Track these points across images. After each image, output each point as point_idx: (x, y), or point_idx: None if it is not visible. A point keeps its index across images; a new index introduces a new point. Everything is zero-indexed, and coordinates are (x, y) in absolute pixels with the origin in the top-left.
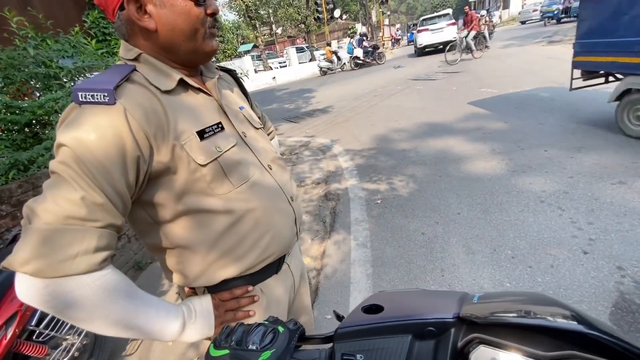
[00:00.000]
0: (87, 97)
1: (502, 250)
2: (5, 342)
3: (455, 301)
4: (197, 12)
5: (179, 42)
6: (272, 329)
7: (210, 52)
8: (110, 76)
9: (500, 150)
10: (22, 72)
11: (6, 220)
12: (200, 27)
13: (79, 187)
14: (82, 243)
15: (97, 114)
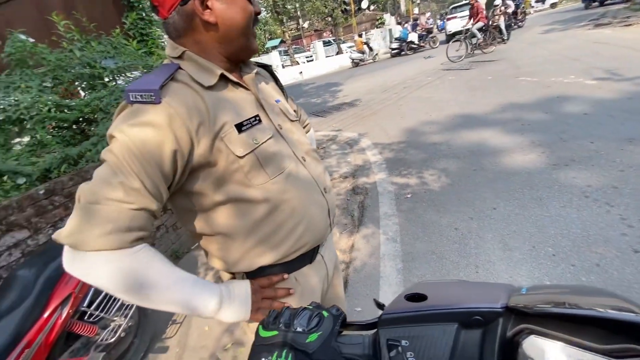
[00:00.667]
0: (137, 97)
1: (542, 248)
2: (61, 322)
3: (502, 292)
4: (251, 9)
5: (235, 36)
6: (317, 313)
7: (255, 50)
8: (157, 76)
9: (541, 142)
10: (69, 73)
11: (59, 210)
12: (252, 24)
13: (120, 172)
14: (117, 221)
15: (145, 112)
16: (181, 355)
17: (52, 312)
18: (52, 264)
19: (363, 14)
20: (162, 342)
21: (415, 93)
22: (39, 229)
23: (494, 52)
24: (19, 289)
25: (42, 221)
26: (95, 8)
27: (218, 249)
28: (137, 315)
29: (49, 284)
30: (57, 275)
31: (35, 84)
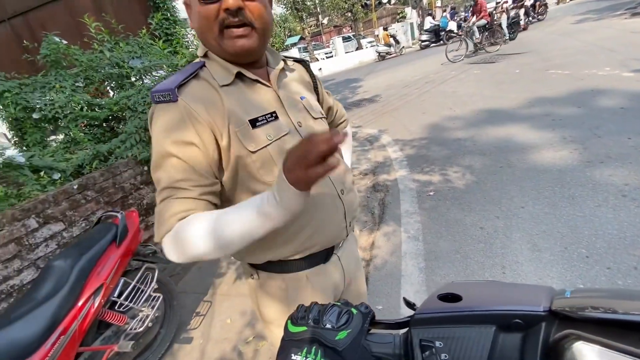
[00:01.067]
0: (159, 97)
1: (574, 249)
2: (93, 310)
3: (543, 294)
4: (206, 10)
5: (205, 40)
6: (347, 311)
7: (235, 52)
8: (178, 76)
9: (573, 138)
10: (99, 73)
11: (91, 204)
12: (211, 24)
13: (160, 169)
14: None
15: (166, 110)
16: (204, 346)
17: (86, 301)
18: (86, 256)
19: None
20: (187, 333)
21: (438, 88)
22: (73, 222)
23: (523, 44)
24: (55, 279)
25: (76, 214)
26: (123, 10)
27: None
28: (163, 306)
29: (82, 275)
30: (90, 267)
31: (68, 84)
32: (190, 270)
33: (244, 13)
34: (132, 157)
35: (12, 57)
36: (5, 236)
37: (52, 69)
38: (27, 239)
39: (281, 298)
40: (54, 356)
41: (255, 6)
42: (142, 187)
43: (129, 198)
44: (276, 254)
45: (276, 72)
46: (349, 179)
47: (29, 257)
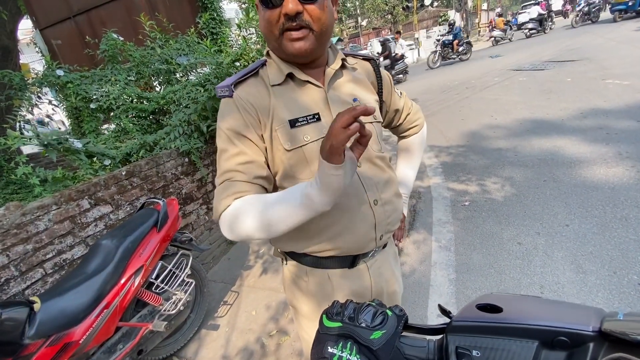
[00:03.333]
0: (220, 92)
1: (624, 275)
2: (134, 289)
3: (592, 314)
4: (269, 15)
5: (268, 40)
6: (382, 312)
7: (292, 53)
8: (240, 73)
9: (630, 155)
10: (149, 69)
11: (136, 190)
12: (273, 27)
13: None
14: (226, 191)
15: (225, 104)
16: (230, 335)
17: (127, 279)
18: (130, 237)
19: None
20: (214, 320)
21: (480, 94)
22: (120, 205)
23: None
24: (103, 256)
25: (122, 199)
26: (174, 9)
27: None
28: (194, 292)
29: (126, 255)
30: (133, 248)
31: (122, 78)
32: (220, 260)
33: (302, 17)
34: (174, 149)
35: (75, 51)
36: (62, 214)
37: (109, 63)
38: (80, 218)
39: (304, 289)
40: (97, 327)
41: (314, 10)
42: (182, 177)
43: (170, 187)
44: (299, 246)
45: (330, 72)
46: (391, 191)
47: (80, 235)
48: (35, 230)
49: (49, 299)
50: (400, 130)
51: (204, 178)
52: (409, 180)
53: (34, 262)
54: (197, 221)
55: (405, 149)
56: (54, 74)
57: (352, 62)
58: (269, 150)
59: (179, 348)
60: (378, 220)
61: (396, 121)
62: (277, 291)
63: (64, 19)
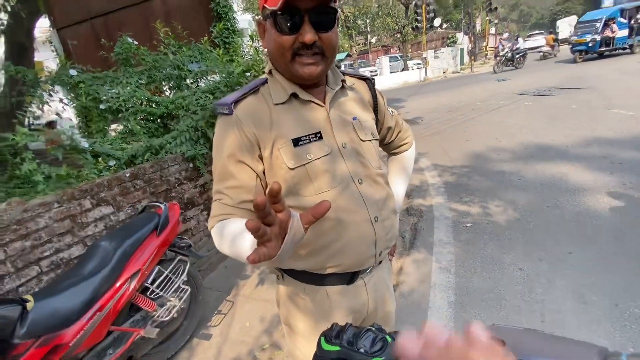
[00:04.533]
0: (220, 109)
1: (627, 308)
2: (129, 292)
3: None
4: (283, 40)
5: (276, 62)
6: (382, 337)
7: (302, 76)
8: (240, 91)
9: (634, 185)
10: (161, 73)
11: (139, 193)
12: (285, 51)
13: (216, 172)
14: (215, 210)
15: (223, 122)
16: (221, 345)
17: (123, 283)
18: (128, 241)
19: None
20: (207, 330)
21: (485, 116)
22: (121, 207)
23: (580, 78)
24: (100, 258)
25: (125, 200)
26: (189, 18)
27: None
28: (189, 299)
29: (124, 257)
30: (132, 251)
31: (133, 81)
32: (217, 268)
33: (317, 44)
34: (180, 154)
35: (89, 52)
36: (63, 212)
37: (122, 66)
38: (81, 217)
39: (301, 307)
40: (89, 330)
41: (328, 38)
42: (185, 182)
43: (172, 191)
44: (299, 264)
45: (332, 92)
46: (389, 207)
47: (79, 234)
48: (35, 227)
49: (43, 299)
50: (392, 147)
51: (207, 184)
52: (399, 195)
53: (31, 259)
54: (197, 227)
55: (396, 165)
56: (67, 73)
57: (350, 82)
58: (267, 170)
59: (169, 356)
60: (378, 236)
61: (388, 138)
62: (273, 303)
63: (82, 21)
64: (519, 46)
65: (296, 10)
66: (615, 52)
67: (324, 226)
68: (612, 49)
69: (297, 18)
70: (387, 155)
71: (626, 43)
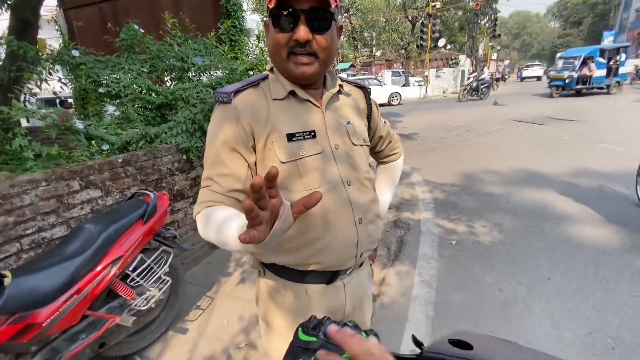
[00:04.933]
0: (219, 97)
1: (599, 337)
2: (108, 278)
3: None
4: (279, 37)
5: (274, 61)
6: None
7: (295, 75)
8: (240, 83)
9: (617, 219)
10: (164, 64)
11: (129, 179)
12: (281, 49)
13: (208, 159)
14: (203, 197)
15: (220, 110)
16: (197, 340)
17: (104, 268)
18: (114, 226)
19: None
20: (184, 324)
21: (480, 139)
22: (110, 192)
23: (575, 111)
24: (83, 240)
25: (114, 186)
26: (198, 11)
27: None
28: (169, 291)
29: (107, 242)
30: (116, 236)
31: (135, 68)
32: (200, 263)
33: (311, 44)
34: (175, 144)
35: (94, 36)
36: (50, 191)
37: (125, 52)
38: (67, 198)
39: (280, 302)
40: (64, 312)
41: (322, 39)
42: (177, 173)
43: (163, 181)
44: (281, 259)
45: (328, 95)
46: (374, 211)
47: (64, 215)
48: (20, 203)
49: (21, 275)
50: (382, 155)
51: (199, 177)
52: (385, 202)
53: (12, 235)
54: (184, 219)
55: (384, 173)
56: (69, 53)
57: (347, 88)
58: (259, 161)
59: (142, 347)
60: (360, 238)
61: (379, 147)
62: (253, 303)
63: (90, 3)
64: (484, 77)
65: (293, 10)
66: (592, 90)
67: (309, 222)
68: (588, 87)
69: (293, 17)
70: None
71: (603, 83)
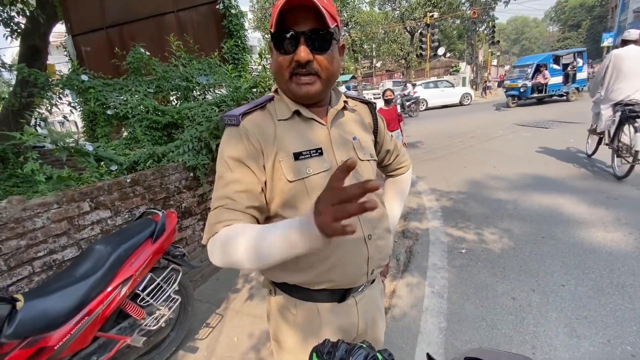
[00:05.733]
0: (227, 120)
1: (619, 344)
2: (119, 298)
3: None
4: (281, 59)
5: (278, 82)
6: (373, 356)
7: (299, 95)
8: (247, 105)
9: (629, 221)
10: (170, 84)
11: (138, 199)
12: (284, 70)
13: (220, 180)
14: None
15: (230, 132)
16: (208, 359)
17: (114, 288)
18: (124, 246)
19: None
20: (194, 342)
21: (484, 144)
22: (119, 212)
23: (577, 114)
24: (93, 261)
25: (123, 206)
26: (201, 32)
27: None
28: (178, 309)
29: (117, 262)
30: (125, 256)
31: (142, 89)
32: (208, 279)
33: (312, 65)
34: (181, 163)
35: (102, 60)
36: (61, 213)
37: (132, 75)
38: (78, 219)
39: (291, 322)
40: (75, 334)
41: (323, 60)
42: (185, 191)
43: (171, 199)
44: (292, 278)
45: (333, 112)
46: (383, 226)
47: (75, 237)
48: (32, 226)
49: (33, 299)
50: (389, 169)
51: (206, 194)
52: (395, 216)
53: (24, 258)
54: (192, 237)
55: (393, 187)
56: (78, 78)
57: (352, 104)
58: (268, 181)
59: None
60: (371, 254)
61: (387, 160)
62: (263, 319)
63: (97, 29)
64: (408, 92)
65: (294, 33)
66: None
67: None
68: (545, 95)
69: (293, 40)
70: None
71: (560, 90)
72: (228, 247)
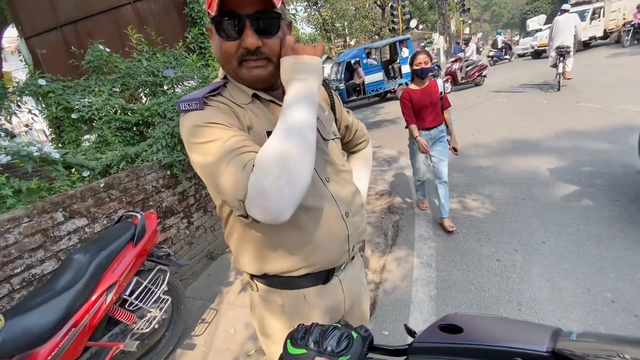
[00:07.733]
0: (186, 106)
1: (598, 292)
2: (105, 306)
3: (548, 334)
4: (227, 46)
5: (224, 67)
6: (347, 335)
7: (250, 80)
8: (203, 90)
9: (602, 175)
10: (135, 80)
11: (115, 203)
12: (231, 58)
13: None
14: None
15: (196, 116)
16: (206, 354)
17: (99, 296)
18: (104, 252)
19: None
20: (190, 339)
21: (462, 114)
22: (96, 218)
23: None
24: (74, 272)
25: (99, 212)
26: (163, 23)
27: (234, 246)
28: (171, 309)
29: (99, 270)
30: (107, 263)
31: (106, 89)
32: (200, 276)
33: (262, 50)
34: (156, 161)
35: (59, 61)
36: (34, 227)
37: (94, 74)
38: (53, 231)
39: (278, 313)
40: (64, 347)
41: (274, 43)
42: (163, 190)
43: (150, 200)
44: (274, 267)
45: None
46: (358, 202)
47: (52, 249)
48: (4, 243)
49: (14, 317)
50: (350, 145)
51: (186, 191)
52: (364, 190)
53: (1, 277)
54: (177, 235)
55: (357, 162)
56: (35, 83)
57: None
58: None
59: None
60: (350, 231)
61: (347, 136)
62: None
63: (51, 29)
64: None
65: (237, 16)
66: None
67: (296, 227)
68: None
69: (238, 23)
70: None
71: (384, 88)
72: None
